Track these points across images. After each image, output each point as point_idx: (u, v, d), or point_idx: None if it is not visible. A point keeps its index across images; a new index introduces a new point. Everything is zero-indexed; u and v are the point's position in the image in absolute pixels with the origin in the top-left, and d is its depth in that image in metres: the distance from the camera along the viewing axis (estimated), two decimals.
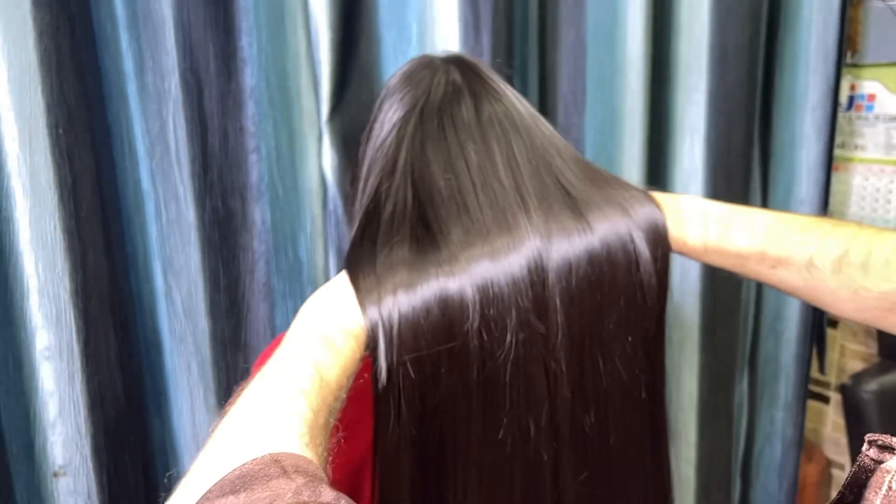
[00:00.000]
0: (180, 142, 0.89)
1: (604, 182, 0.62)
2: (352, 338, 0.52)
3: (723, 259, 0.64)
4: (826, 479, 1.62)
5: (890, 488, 0.34)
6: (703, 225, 0.63)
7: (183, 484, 0.40)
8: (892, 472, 0.34)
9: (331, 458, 0.45)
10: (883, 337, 1.45)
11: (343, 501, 0.36)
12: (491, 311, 0.53)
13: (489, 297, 0.53)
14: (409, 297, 0.52)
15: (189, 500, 0.37)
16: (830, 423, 1.69)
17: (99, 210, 0.86)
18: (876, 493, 0.34)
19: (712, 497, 1.38)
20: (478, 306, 0.53)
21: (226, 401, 0.95)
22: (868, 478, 0.35)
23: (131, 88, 0.87)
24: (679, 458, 1.35)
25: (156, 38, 0.86)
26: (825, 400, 1.67)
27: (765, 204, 1.33)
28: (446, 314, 0.52)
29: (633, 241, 0.58)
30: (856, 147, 1.49)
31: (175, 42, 0.86)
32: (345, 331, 0.52)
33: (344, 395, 0.50)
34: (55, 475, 0.88)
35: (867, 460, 0.36)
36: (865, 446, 0.37)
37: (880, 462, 0.35)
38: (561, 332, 0.55)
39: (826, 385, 1.69)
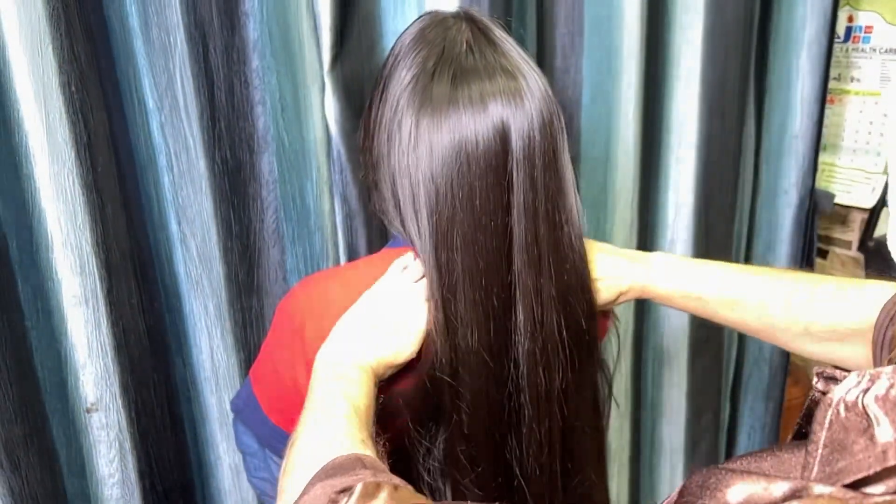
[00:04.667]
0: (188, 95, 0.91)
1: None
2: (360, 370, 0.64)
3: (687, 302, 0.73)
4: None
5: (832, 422, 0.35)
6: (668, 276, 0.73)
7: (284, 483, 0.54)
8: (833, 404, 0.36)
9: (385, 459, 0.57)
10: (870, 267, 1.49)
11: (409, 488, 0.48)
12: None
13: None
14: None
15: (296, 489, 0.50)
16: None
17: (114, 164, 0.90)
18: (821, 425, 0.36)
19: (703, 419, 1.47)
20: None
21: (242, 340, 1.02)
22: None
23: (138, 44, 0.89)
24: (672, 385, 1.42)
25: None
26: None
27: (759, 140, 1.36)
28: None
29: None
30: (851, 80, 1.50)
31: None
32: (355, 365, 0.64)
33: (373, 414, 0.62)
34: (87, 411, 0.95)
35: (816, 393, 0.39)
36: (814, 378, 0.40)
37: (825, 393, 0.37)
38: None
39: None
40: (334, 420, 0.57)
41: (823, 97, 1.34)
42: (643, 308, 1.35)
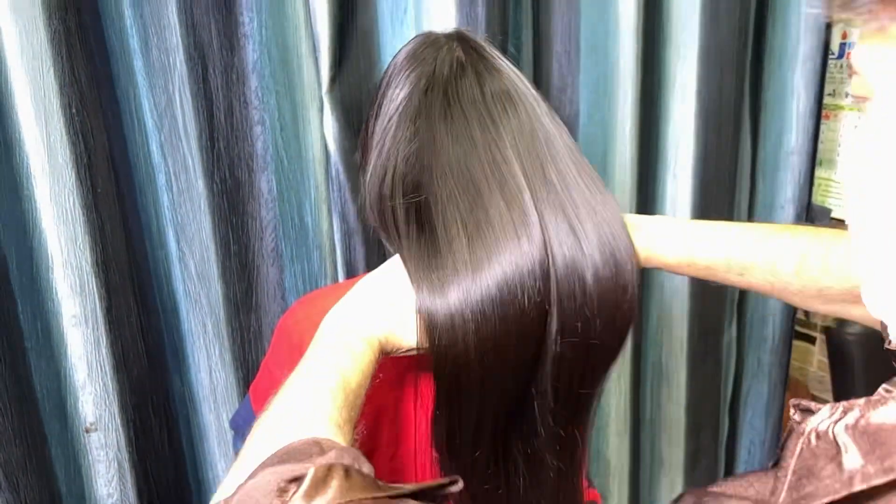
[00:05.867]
0: (187, 115, 0.92)
1: (589, 180, 0.66)
2: (367, 345, 0.60)
3: (693, 270, 0.70)
4: None
5: (802, 449, 0.36)
6: (672, 242, 0.69)
7: (237, 462, 0.49)
8: (805, 434, 0.37)
9: (356, 445, 0.53)
10: None
11: (360, 464, 0.44)
12: (511, 299, 0.59)
13: (505, 293, 0.59)
14: (438, 300, 0.60)
15: (245, 472, 0.45)
16: (816, 362, 1.75)
17: (114, 184, 0.90)
18: (792, 453, 0.37)
19: (702, 435, 1.47)
20: (498, 301, 0.59)
21: (240, 359, 1.02)
22: None
23: (138, 65, 0.90)
24: (670, 401, 1.42)
25: (159, 15, 0.88)
26: (811, 340, 1.74)
27: (755, 155, 1.37)
28: (475, 309, 0.59)
29: (618, 257, 0.63)
30: (846, 95, 1.51)
31: (178, 19, 0.89)
32: (362, 338, 0.60)
33: (363, 394, 0.57)
34: (87, 431, 0.95)
35: (793, 424, 0.40)
36: (792, 410, 0.41)
37: (801, 423, 0.38)
38: (565, 310, 0.61)
39: (812, 326, 1.75)
40: (317, 394, 0.53)
41: (818, 113, 1.35)
42: (641, 324, 1.36)
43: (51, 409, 0.92)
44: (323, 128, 0.99)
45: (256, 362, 1.04)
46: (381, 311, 0.63)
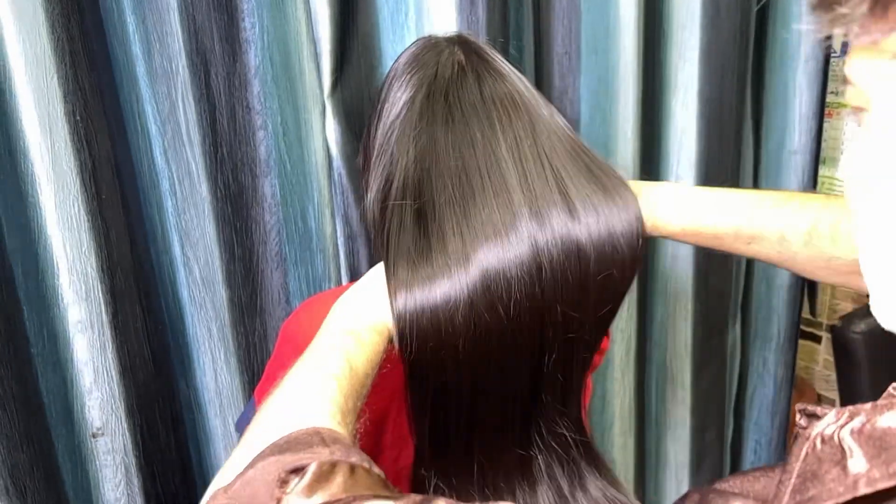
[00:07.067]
0: (190, 121, 0.93)
1: (594, 166, 0.66)
2: (375, 333, 0.59)
3: (699, 239, 0.69)
4: None
5: (807, 454, 0.36)
6: (677, 210, 0.68)
7: (238, 448, 0.49)
8: (811, 438, 0.37)
9: (359, 437, 0.53)
10: None
11: (367, 463, 0.45)
12: (498, 296, 0.59)
13: (497, 285, 0.59)
14: (427, 293, 0.59)
15: (245, 459, 0.45)
16: (822, 360, 1.75)
17: (118, 190, 0.91)
18: (796, 457, 0.37)
19: (707, 435, 1.46)
20: (488, 293, 0.59)
21: (245, 362, 1.02)
22: None
23: (140, 71, 0.90)
24: (675, 401, 1.42)
25: (161, 22, 0.89)
26: (817, 339, 1.73)
27: (758, 155, 1.37)
28: (460, 306, 0.59)
29: (621, 229, 0.62)
30: None
31: (180, 25, 0.89)
32: (370, 326, 0.60)
33: (370, 383, 0.57)
34: (93, 436, 0.95)
35: (799, 429, 0.39)
36: (798, 415, 0.41)
37: (806, 429, 0.38)
38: (559, 308, 0.61)
39: (818, 325, 1.75)
40: (323, 380, 0.53)
41: (821, 112, 1.35)
42: (645, 325, 1.35)
43: (57, 414, 0.93)
44: (325, 132, 1.00)
45: (261, 366, 1.04)
46: (388, 299, 0.62)
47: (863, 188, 0.38)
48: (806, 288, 1.50)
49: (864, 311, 1.50)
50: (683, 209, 0.67)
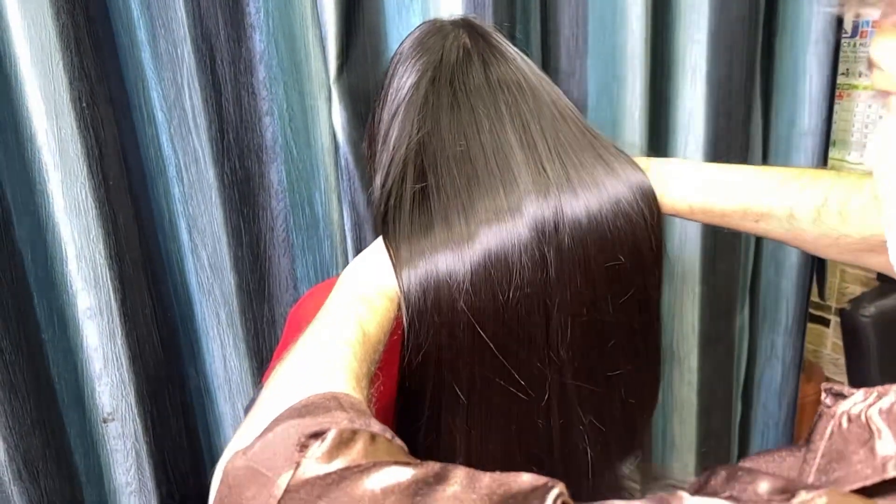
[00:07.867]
0: (196, 107, 0.92)
1: (601, 147, 0.66)
2: (386, 298, 0.59)
3: (708, 217, 0.68)
4: None
5: (833, 432, 0.36)
6: (686, 187, 0.67)
7: (253, 412, 0.49)
8: (836, 416, 0.37)
9: (374, 401, 0.53)
10: None
11: (388, 433, 0.45)
12: (501, 274, 0.59)
13: (501, 262, 0.59)
14: (428, 265, 0.59)
15: (262, 423, 0.45)
16: (830, 344, 1.75)
17: (125, 176, 0.91)
18: (821, 435, 0.37)
19: (714, 418, 1.46)
20: (491, 270, 0.58)
21: (254, 348, 1.03)
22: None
23: (146, 58, 0.90)
24: (682, 383, 1.42)
25: (166, 7, 0.88)
26: (825, 323, 1.73)
27: (767, 138, 1.36)
28: (462, 280, 0.58)
29: (630, 204, 0.62)
30: (860, 74, 1.49)
31: (185, 10, 0.89)
32: (381, 292, 0.59)
33: (381, 349, 0.57)
34: (104, 421, 0.96)
35: (823, 408, 0.40)
36: (823, 394, 0.41)
37: (831, 408, 0.38)
38: (568, 289, 0.61)
39: (827, 309, 1.74)
40: (336, 345, 0.53)
41: (832, 94, 1.34)
42: None
43: (68, 400, 0.93)
44: (331, 117, 0.99)
45: (270, 351, 1.05)
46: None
47: (891, 174, 0.37)
48: (815, 271, 1.49)
49: (872, 294, 1.49)
50: (692, 188, 0.67)
